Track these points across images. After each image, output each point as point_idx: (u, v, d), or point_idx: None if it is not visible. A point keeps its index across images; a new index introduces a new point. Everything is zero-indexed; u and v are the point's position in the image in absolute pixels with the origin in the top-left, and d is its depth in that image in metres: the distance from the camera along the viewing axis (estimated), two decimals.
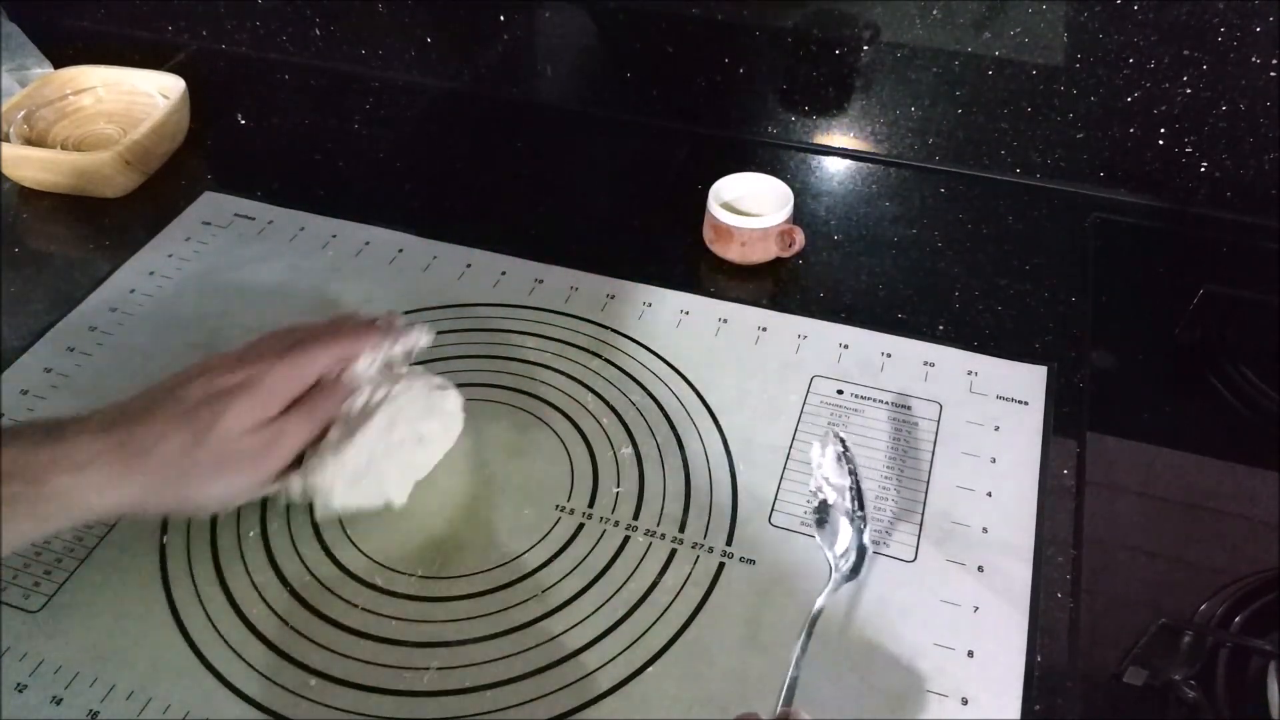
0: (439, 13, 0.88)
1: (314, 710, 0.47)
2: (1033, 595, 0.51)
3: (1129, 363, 0.65)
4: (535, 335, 0.66)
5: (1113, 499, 0.56)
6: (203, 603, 0.52)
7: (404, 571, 0.53)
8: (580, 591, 0.52)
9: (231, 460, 0.47)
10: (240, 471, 0.47)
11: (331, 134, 0.87)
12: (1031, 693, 0.48)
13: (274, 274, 0.71)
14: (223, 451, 0.46)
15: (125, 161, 0.76)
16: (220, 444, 0.46)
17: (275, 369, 0.48)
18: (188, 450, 0.45)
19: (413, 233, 0.75)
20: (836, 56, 0.79)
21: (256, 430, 0.47)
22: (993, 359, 0.63)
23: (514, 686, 0.48)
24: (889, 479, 0.57)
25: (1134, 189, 0.77)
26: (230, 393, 0.47)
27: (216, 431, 0.46)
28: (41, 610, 0.51)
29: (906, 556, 0.53)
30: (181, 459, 0.45)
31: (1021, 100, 0.76)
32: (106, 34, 0.99)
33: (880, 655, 0.49)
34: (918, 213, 0.77)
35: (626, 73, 0.86)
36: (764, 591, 0.52)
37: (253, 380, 0.47)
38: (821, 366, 0.63)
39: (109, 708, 0.47)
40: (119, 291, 0.70)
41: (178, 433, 0.45)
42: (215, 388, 0.47)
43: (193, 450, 0.45)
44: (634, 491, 0.57)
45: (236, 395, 0.47)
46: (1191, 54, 0.69)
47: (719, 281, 0.70)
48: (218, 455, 0.46)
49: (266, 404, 0.48)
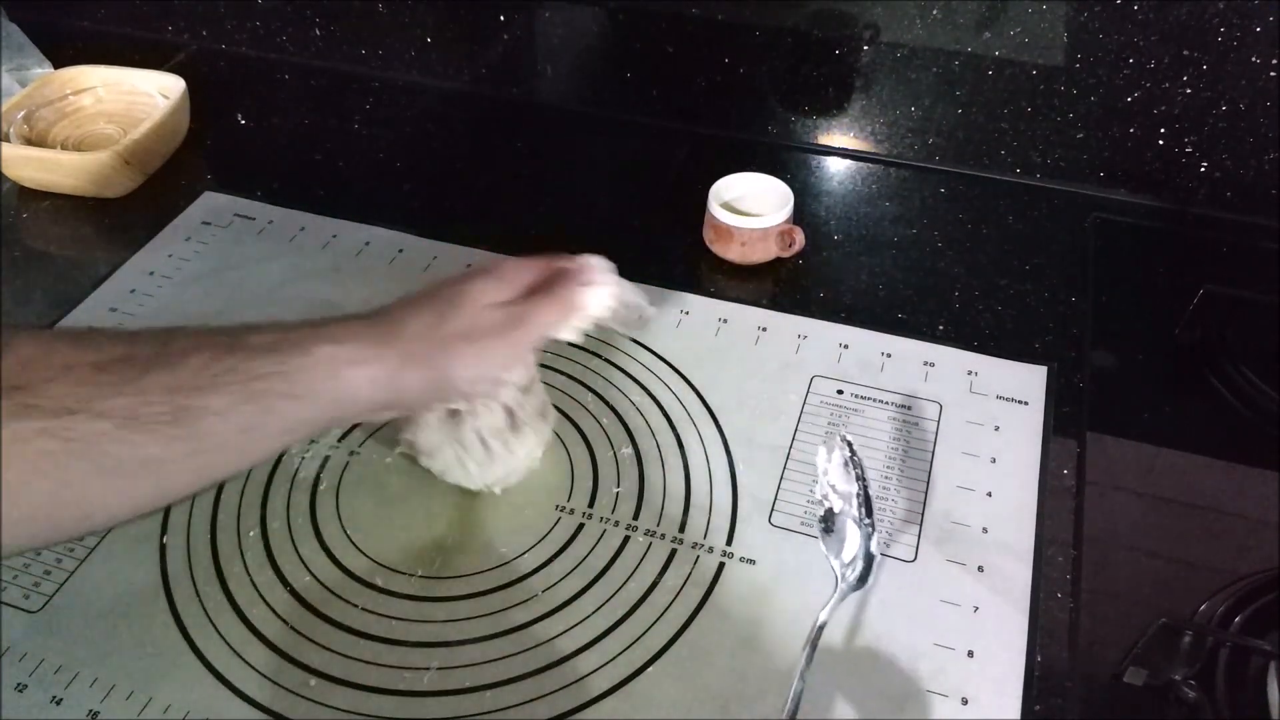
0: (439, 13, 0.88)
1: (314, 710, 0.48)
2: (1033, 595, 0.51)
3: (1129, 363, 0.65)
4: None
5: (1113, 499, 0.56)
6: (203, 603, 0.52)
7: (404, 571, 0.53)
8: (580, 591, 0.52)
9: (480, 332, 0.47)
10: (489, 343, 0.48)
11: (331, 134, 0.87)
12: (1031, 693, 0.48)
13: (274, 274, 0.71)
14: (471, 323, 0.47)
15: (125, 161, 0.76)
16: (467, 316, 0.47)
17: (511, 259, 0.51)
18: (439, 322, 0.47)
19: (413, 233, 0.75)
20: (836, 56, 0.79)
21: (501, 306, 0.48)
22: (993, 359, 0.63)
23: (514, 686, 0.48)
24: (889, 479, 0.57)
25: (1134, 189, 0.77)
26: (472, 276, 0.49)
27: (463, 304, 0.48)
28: (41, 610, 0.52)
29: (906, 556, 0.53)
30: (432, 331, 0.46)
31: (1021, 100, 0.76)
32: (106, 34, 0.99)
33: (880, 655, 0.49)
34: (918, 213, 0.77)
35: (626, 73, 0.86)
36: (764, 591, 0.52)
37: (492, 267, 0.50)
38: (821, 366, 0.63)
39: (109, 708, 0.48)
40: (119, 291, 0.70)
41: (427, 308, 0.47)
42: (458, 276, 0.50)
43: (442, 323, 0.47)
44: (634, 491, 0.57)
45: (476, 277, 0.49)
46: (1191, 54, 0.69)
47: (719, 281, 0.70)
48: (467, 325, 0.47)
49: (506, 283, 0.49)
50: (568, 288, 0.50)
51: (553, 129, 0.88)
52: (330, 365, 0.43)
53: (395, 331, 0.46)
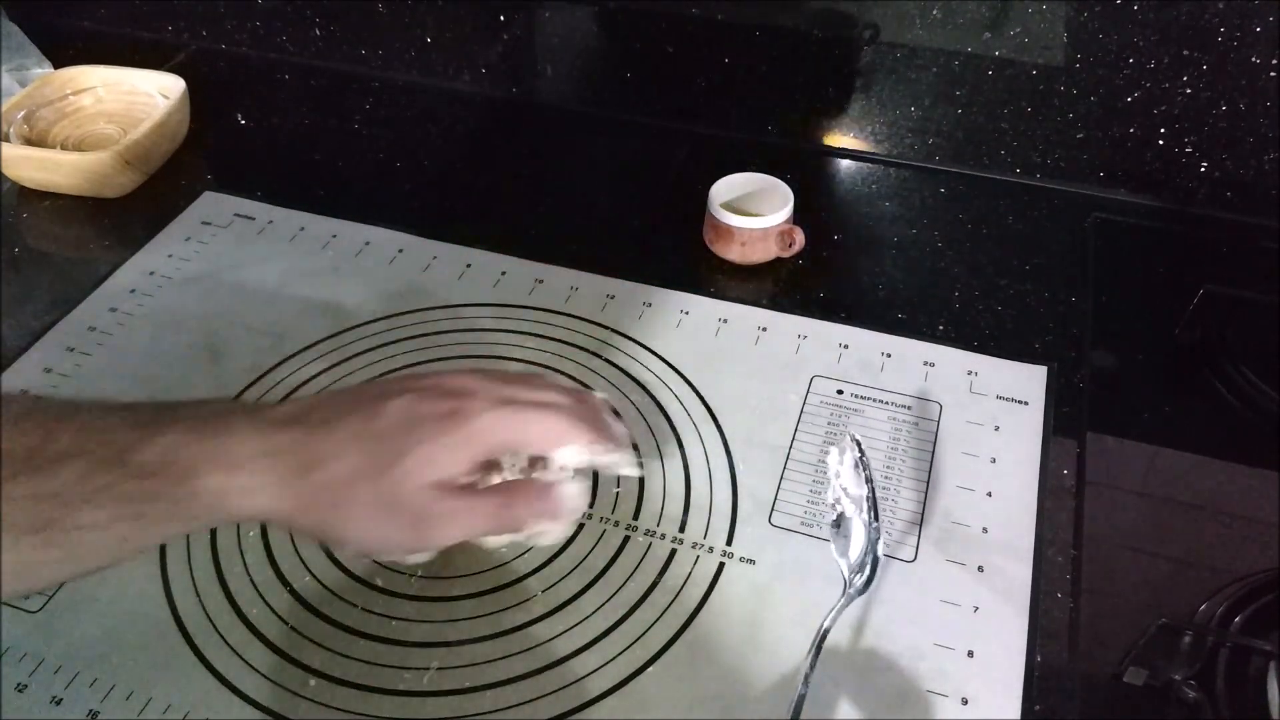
0: (439, 13, 0.88)
1: (314, 710, 0.48)
2: (1033, 595, 0.51)
3: (1129, 363, 0.65)
4: (535, 335, 0.66)
5: (1113, 499, 0.56)
6: (203, 603, 0.52)
7: (404, 571, 0.53)
8: (580, 592, 0.52)
9: (394, 510, 0.40)
10: (396, 528, 0.40)
11: (331, 134, 0.87)
12: (1031, 693, 0.48)
13: (274, 274, 0.71)
14: (391, 497, 0.39)
15: (125, 161, 0.76)
16: (391, 487, 0.39)
17: (486, 414, 0.41)
18: (354, 481, 0.39)
19: (413, 233, 0.75)
20: (836, 56, 0.79)
21: (436, 490, 0.40)
22: (993, 359, 0.63)
23: (514, 686, 0.48)
24: (889, 479, 0.57)
25: (1134, 189, 0.77)
26: (427, 428, 0.40)
27: (393, 473, 0.39)
28: (41, 610, 0.51)
29: (907, 556, 0.53)
30: (348, 489, 0.39)
31: (1021, 100, 0.76)
32: (106, 34, 0.99)
33: (881, 655, 0.49)
34: (918, 213, 0.77)
35: (626, 73, 0.86)
36: (764, 591, 0.52)
37: (459, 415, 0.41)
38: (821, 366, 0.63)
39: (109, 708, 0.47)
40: (119, 291, 0.70)
41: (352, 456, 0.39)
42: (416, 413, 0.41)
43: (357, 484, 0.39)
44: (634, 491, 0.57)
45: (433, 433, 0.40)
46: (1191, 54, 0.69)
47: (719, 281, 0.70)
48: (384, 499, 0.39)
49: (460, 454, 0.40)
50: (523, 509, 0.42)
51: (553, 129, 0.88)
52: (218, 497, 0.38)
53: (299, 476, 0.39)
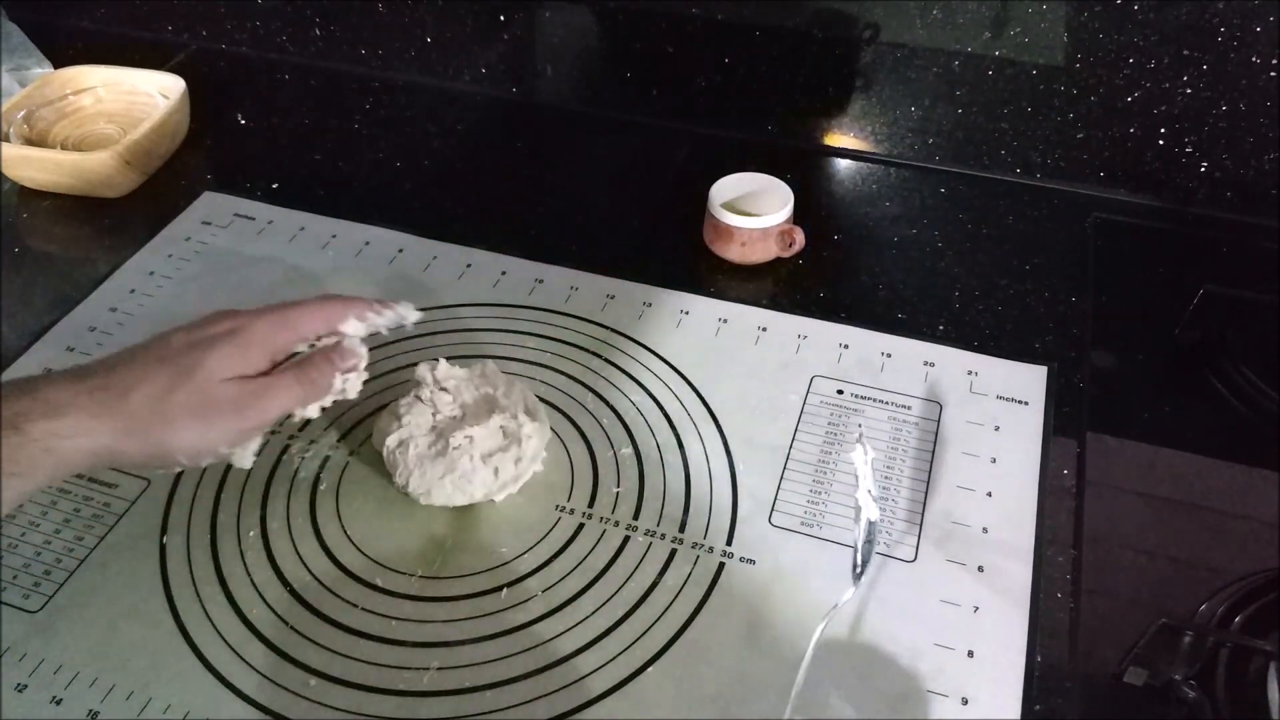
0: (439, 13, 0.88)
1: (314, 710, 0.47)
2: (1033, 595, 0.51)
3: (1129, 363, 0.65)
4: (535, 335, 0.66)
5: (1113, 499, 0.56)
6: (203, 603, 0.52)
7: (404, 571, 0.53)
8: (580, 591, 0.52)
9: (211, 406, 0.45)
10: (219, 419, 0.46)
11: (331, 134, 0.87)
12: (1031, 693, 0.48)
13: (274, 274, 0.71)
14: (203, 397, 0.45)
15: (125, 161, 0.76)
16: (201, 388, 0.45)
17: (260, 320, 0.48)
18: (167, 393, 0.44)
19: (413, 233, 0.75)
20: (836, 56, 0.79)
21: (241, 381, 0.46)
22: (993, 359, 0.63)
23: (514, 686, 0.48)
24: (889, 479, 0.57)
25: (1134, 189, 0.77)
26: (214, 340, 0.46)
27: (198, 376, 0.45)
28: (41, 610, 0.51)
29: (906, 556, 0.53)
30: (160, 402, 0.44)
31: (1021, 100, 0.76)
32: (106, 34, 0.99)
33: (880, 655, 0.49)
34: (918, 213, 0.77)
35: (626, 73, 0.86)
36: (764, 591, 0.52)
37: (238, 330, 0.47)
38: (821, 366, 0.63)
39: (109, 708, 0.47)
40: (119, 291, 0.70)
41: (158, 375, 0.45)
42: (199, 336, 0.47)
43: (171, 393, 0.44)
44: (634, 491, 0.57)
45: (220, 342, 0.46)
46: (1191, 54, 0.69)
47: (719, 281, 0.70)
48: (198, 400, 0.45)
49: (251, 354, 0.47)
50: (320, 371, 0.49)
51: (553, 129, 0.88)
52: (46, 441, 0.42)
53: (118, 401, 0.44)
